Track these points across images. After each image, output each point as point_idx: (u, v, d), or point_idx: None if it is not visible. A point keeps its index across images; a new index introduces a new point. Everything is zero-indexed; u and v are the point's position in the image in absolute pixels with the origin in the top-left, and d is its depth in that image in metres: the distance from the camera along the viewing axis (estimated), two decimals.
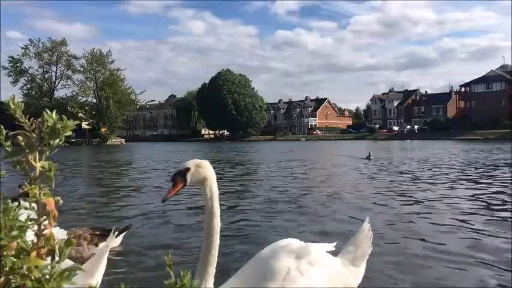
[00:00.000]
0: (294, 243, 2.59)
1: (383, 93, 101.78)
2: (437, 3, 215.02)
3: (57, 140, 0.86)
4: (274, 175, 12.12)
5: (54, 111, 0.87)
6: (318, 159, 19.76)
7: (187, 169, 2.37)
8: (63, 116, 0.88)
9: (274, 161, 18.98)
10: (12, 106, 0.85)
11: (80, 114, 65.19)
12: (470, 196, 7.33)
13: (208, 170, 2.40)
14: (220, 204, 2.39)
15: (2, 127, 0.86)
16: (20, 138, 0.86)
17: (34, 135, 0.86)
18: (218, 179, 2.44)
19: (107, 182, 11.51)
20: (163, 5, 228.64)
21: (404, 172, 12.05)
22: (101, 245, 4.15)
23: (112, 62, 70.63)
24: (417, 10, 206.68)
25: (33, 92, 67.89)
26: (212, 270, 2.32)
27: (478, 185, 8.93)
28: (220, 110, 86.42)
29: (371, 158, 17.15)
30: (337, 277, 2.51)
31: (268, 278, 2.34)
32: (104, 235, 4.25)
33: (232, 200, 7.33)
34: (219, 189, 2.34)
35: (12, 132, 0.89)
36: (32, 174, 0.87)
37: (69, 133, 0.87)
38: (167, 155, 27.04)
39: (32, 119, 0.86)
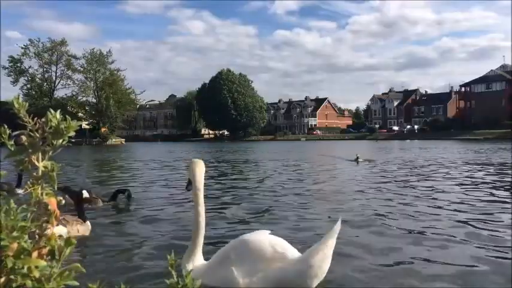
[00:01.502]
0: (257, 235, 2.89)
1: (383, 93, 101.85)
2: (436, 3, 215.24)
3: (61, 140, 0.86)
4: (250, 176, 11.82)
5: (58, 111, 0.87)
6: (306, 160, 18.67)
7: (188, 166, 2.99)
8: (66, 116, 0.87)
9: (262, 161, 18.66)
10: (16, 105, 0.85)
11: (80, 114, 65.18)
12: (458, 200, 6.72)
13: (194, 168, 2.97)
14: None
15: (6, 126, 0.86)
16: (24, 138, 0.86)
17: (37, 135, 0.86)
18: (212, 177, 2.46)
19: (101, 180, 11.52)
20: (163, 5, 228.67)
21: (392, 176, 10.75)
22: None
23: (112, 62, 70.70)
24: (416, 10, 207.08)
25: (33, 92, 67.89)
26: (200, 241, 2.97)
27: (468, 188, 8.30)
28: (220, 110, 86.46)
29: (359, 160, 15.84)
30: (277, 270, 2.70)
31: (218, 256, 2.94)
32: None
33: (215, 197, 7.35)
34: (212, 187, 2.40)
35: (16, 132, 0.90)
36: (35, 174, 0.87)
37: (72, 133, 0.87)
38: (169, 155, 27.04)
39: (35, 118, 0.86)
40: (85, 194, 5.50)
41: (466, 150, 25.62)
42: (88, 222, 4.85)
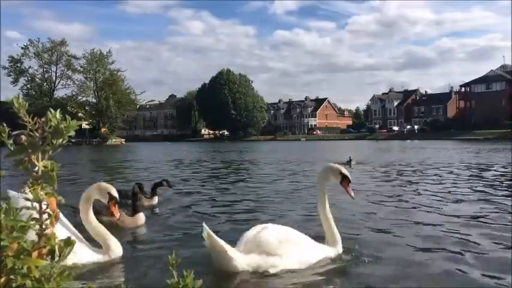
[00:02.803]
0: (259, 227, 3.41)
1: (383, 93, 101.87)
2: (436, 3, 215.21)
3: (60, 140, 0.86)
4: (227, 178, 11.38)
5: (58, 111, 0.87)
6: (297, 162, 17.31)
7: None
8: (66, 116, 0.88)
9: (249, 162, 18.20)
10: (16, 105, 0.85)
11: (80, 114, 65.17)
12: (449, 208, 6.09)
13: (320, 172, 3.78)
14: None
15: (5, 125, 0.86)
16: (23, 137, 0.86)
17: (37, 134, 0.85)
18: (213, 176, 2.45)
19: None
20: (162, 5, 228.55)
21: (385, 182, 9.75)
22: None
23: (112, 62, 70.64)
24: (415, 10, 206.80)
25: (33, 92, 67.91)
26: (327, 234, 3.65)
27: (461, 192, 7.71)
28: (221, 110, 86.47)
29: (352, 163, 14.42)
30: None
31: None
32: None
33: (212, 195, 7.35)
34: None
35: (15, 132, 0.90)
36: (35, 173, 0.87)
37: (72, 133, 0.87)
38: (184, 155, 26.97)
39: (35, 118, 0.86)
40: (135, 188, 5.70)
41: (465, 151, 25.54)
42: (140, 214, 5.20)
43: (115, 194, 3.66)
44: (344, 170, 3.62)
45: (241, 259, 3.15)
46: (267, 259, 3.19)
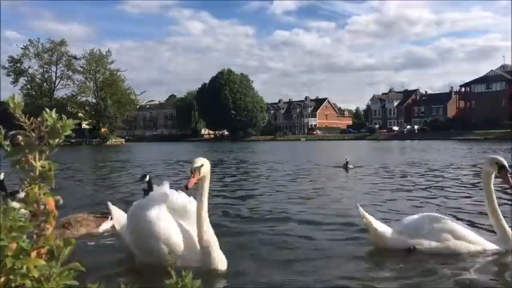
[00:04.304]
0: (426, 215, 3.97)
1: (383, 93, 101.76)
2: (435, 3, 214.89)
3: (57, 140, 0.85)
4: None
5: (54, 110, 0.86)
6: (290, 164, 16.49)
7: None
8: (62, 115, 0.87)
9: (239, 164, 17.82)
10: (11, 105, 0.84)
11: (80, 114, 65.13)
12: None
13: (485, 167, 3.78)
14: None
15: (1, 127, 0.85)
16: (20, 137, 0.85)
17: (34, 134, 0.85)
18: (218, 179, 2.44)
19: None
20: (162, 5, 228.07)
21: (383, 187, 9.10)
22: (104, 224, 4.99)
23: (112, 62, 70.57)
24: (415, 10, 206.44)
25: (33, 92, 67.89)
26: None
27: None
28: (221, 110, 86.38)
29: (349, 166, 13.32)
30: None
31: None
32: (104, 217, 5.04)
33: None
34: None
35: (12, 132, 0.89)
36: (32, 173, 0.86)
37: (68, 132, 0.86)
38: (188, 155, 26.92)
39: (31, 118, 0.86)
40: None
41: (465, 151, 25.48)
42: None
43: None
44: (500, 159, 3.66)
45: (389, 235, 3.79)
46: (414, 239, 3.67)
